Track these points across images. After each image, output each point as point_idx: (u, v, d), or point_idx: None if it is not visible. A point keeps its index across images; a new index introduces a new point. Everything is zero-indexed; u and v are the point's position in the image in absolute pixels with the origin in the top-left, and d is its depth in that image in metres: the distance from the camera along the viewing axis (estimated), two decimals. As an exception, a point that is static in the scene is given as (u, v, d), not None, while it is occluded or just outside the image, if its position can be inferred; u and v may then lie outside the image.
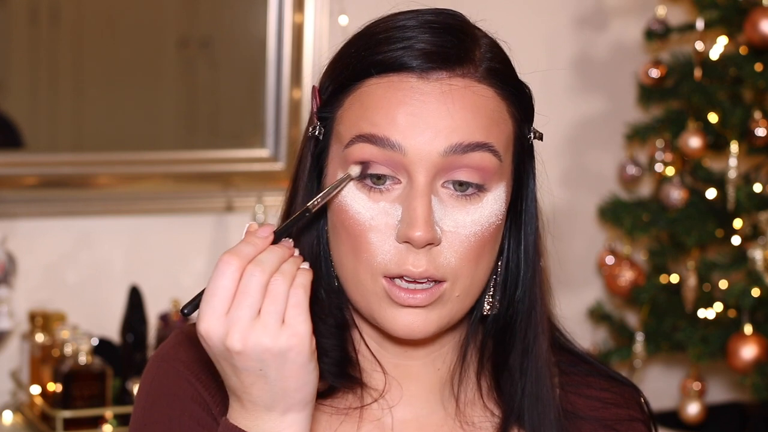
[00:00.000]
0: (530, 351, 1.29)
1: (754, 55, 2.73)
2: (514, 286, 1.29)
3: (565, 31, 3.10)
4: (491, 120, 1.21)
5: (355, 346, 1.29)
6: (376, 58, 1.21)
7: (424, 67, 1.20)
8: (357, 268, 1.21)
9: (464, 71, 1.21)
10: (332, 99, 1.25)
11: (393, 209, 1.20)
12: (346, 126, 1.22)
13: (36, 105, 2.75)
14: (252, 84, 2.88)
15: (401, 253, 1.19)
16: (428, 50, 1.20)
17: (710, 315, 2.80)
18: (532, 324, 1.29)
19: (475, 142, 1.19)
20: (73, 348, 2.48)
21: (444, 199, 1.20)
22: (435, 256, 1.19)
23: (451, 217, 1.20)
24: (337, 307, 1.27)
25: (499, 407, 1.30)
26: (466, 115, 1.19)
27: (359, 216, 1.20)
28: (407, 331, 1.21)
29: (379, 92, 1.20)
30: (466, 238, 1.20)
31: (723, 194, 2.79)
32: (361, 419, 1.27)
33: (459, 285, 1.21)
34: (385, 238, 1.20)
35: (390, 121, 1.19)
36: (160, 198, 2.80)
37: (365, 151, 1.20)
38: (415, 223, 1.17)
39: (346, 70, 1.23)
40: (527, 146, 1.27)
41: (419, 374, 1.29)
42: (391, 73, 1.20)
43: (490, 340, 1.31)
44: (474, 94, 1.20)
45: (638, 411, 1.36)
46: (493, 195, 1.22)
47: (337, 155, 1.23)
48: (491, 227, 1.22)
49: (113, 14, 2.77)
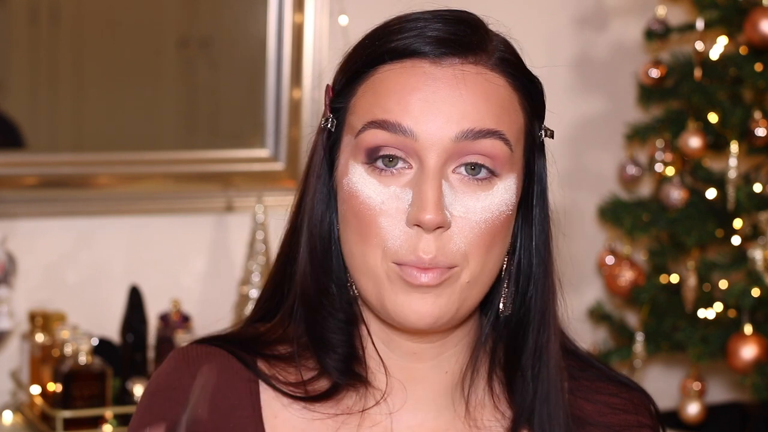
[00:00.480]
0: (543, 352, 1.28)
1: (754, 55, 2.73)
2: (526, 285, 1.29)
3: (565, 31, 3.10)
4: (503, 108, 1.22)
5: (363, 343, 1.28)
6: (389, 45, 1.22)
7: (437, 52, 1.21)
8: (366, 254, 1.21)
9: (477, 59, 1.22)
10: (345, 89, 1.25)
11: (404, 193, 1.20)
12: (359, 114, 1.23)
13: (36, 105, 2.75)
14: (252, 84, 2.88)
15: (411, 238, 1.19)
16: (441, 37, 1.21)
17: (710, 315, 2.80)
18: (545, 324, 1.29)
19: (486, 128, 1.20)
20: (73, 348, 2.48)
21: (455, 184, 1.20)
22: (445, 242, 1.19)
23: (461, 202, 1.20)
24: (347, 302, 1.27)
25: (510, 409, 1.30)
26: (477, 101, 1.20)
27: (370, 201, 1.20)
28: (417, 316, 1.20)
29: (392, 78, 1.21)
30: (476, 224, 1.20)
31: (723, 194, 2.79)
32: (362, 423, 1.27)
33: (469, 271, 1.21)
34: (396, 223, 1.20)
35: (403, 107, 1.19)
36: (160, 198, 2.80)
37: (377, 136, 1.20)
38: (426, 205, 1.18)
39: (359, 59, 1.24)
40: (538, 142, 1.28)
41: (426, 377, 1.29)
42: (404, 59, 1.21)
43: (501, 341, 1.31)
44: (486, 81, 1.21)
45: (647, 417, 1.36)
46: (503, 184, 1.22)
47: (348, 144, 1.24)
48: (501, 216, 1.22)
49: (113, 14, 2.77)
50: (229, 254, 2.86)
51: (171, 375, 1.28)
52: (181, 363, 1.28)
